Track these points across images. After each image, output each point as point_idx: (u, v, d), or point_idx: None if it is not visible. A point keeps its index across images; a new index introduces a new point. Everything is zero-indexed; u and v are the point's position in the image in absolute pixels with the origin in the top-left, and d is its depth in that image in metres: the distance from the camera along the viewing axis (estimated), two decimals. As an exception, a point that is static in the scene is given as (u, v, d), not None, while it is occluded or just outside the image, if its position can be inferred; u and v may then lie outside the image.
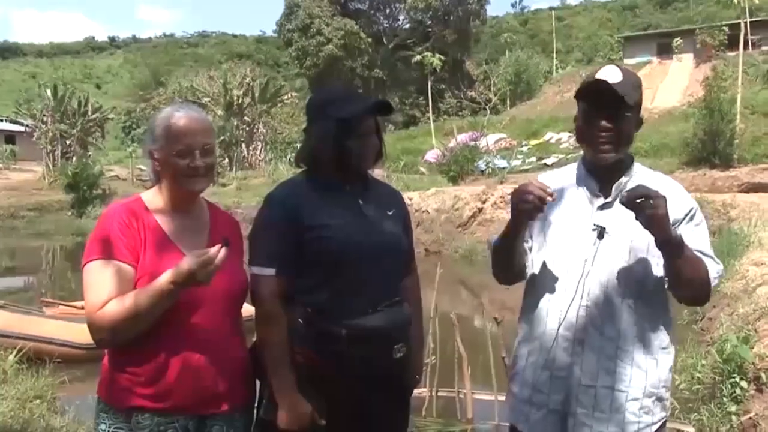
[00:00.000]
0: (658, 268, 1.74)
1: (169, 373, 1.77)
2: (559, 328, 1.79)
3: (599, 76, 1.76)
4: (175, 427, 1.79)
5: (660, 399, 1.80)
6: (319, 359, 1.89)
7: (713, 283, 1.74)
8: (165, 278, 1.70)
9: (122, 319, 1.71)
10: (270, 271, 1.91)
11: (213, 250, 1.71)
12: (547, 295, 1.83)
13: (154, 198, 1.90)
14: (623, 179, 1.81)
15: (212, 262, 1.69)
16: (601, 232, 1.74)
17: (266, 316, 1.92)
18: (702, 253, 1.75)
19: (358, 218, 1.98)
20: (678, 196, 1.80)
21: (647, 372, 1.77)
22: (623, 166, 1.82)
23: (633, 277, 1.75)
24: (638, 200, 1.58)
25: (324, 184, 1.99)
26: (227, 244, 1.74)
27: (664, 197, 1.58)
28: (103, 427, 1.81)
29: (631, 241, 1.75)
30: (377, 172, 2.23)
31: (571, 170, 1.94)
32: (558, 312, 1.79)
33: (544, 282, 1.85)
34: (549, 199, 1.65)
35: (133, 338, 1.75)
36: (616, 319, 1.75)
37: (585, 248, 1.78)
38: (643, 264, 1.74)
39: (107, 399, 1.82)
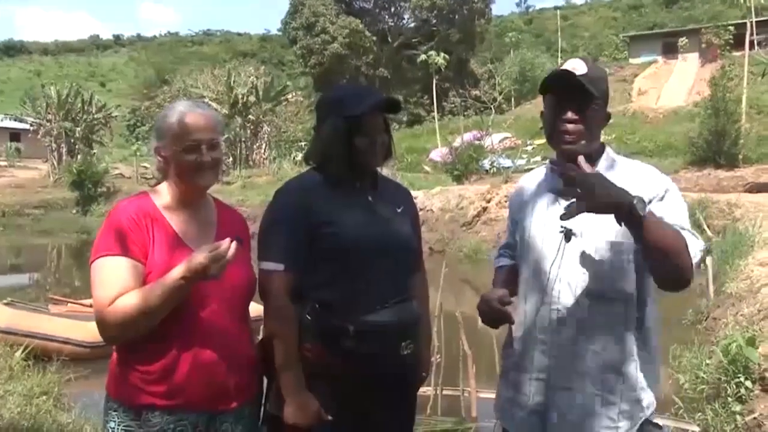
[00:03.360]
0: (628, 268, 1.71)
1: (180, 370, 1.78)
2: (535, 331, 1.78)
3: (564, 68, 1.75)
4: (185, 425, 1.79)
5: (638, 401, 1.74)
6: (327, 355, 1.90)
7: (696, 258, 1.62)
8: (176, 273, 1.71)
9: (132, 315, 1.71)
10: (279, 267, 1.92)
11: (224, 244, 1.72)
12: (524, 299, 1.84)
13: (161, 195, 1.91)
14: None
15: (224, 257, 1.70)
16: (567, 234, 1.72)
17: (275, 312, 1.93)
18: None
19: (368, 215, 1.99)
20: (650, 178, 1.75)
21: (625, 375, 1.73)
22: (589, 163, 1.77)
23: (602, 279, 1.71)
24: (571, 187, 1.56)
25: (334, 181, 2.00)
26: (239, 240, 1.75)
27: (593, 174, 1.55)
28: (112, 424, 1.81)
29: (599, 242, 1.71)
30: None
31: (545, 170, 1.93)
32: (534, 315, 1.79)
33: (522, 285, 1.86)
34: (510, 308, 1.75)
35: (142, 335, 1.76)
36: (587, 322, 1.72)
37: (553, 251, 1.76)
38: (612, 265, 1.70)
39: (116, 396, 1.82)
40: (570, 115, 1.73)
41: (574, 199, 1.67)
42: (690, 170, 18.17)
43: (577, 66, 1.74)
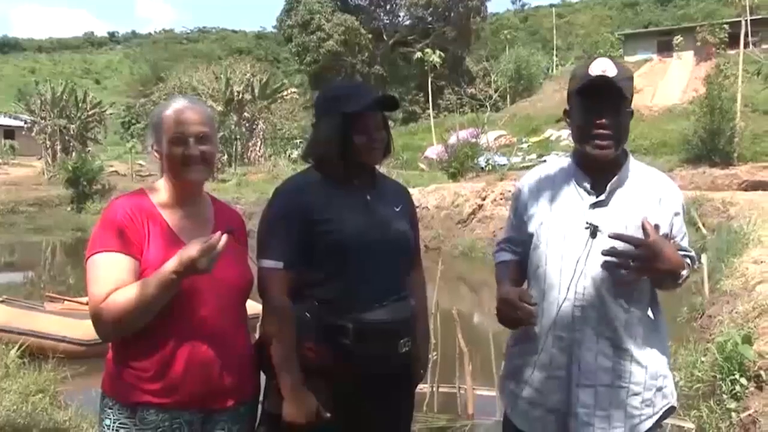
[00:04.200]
0: None
1: (176, 368, 1.77)
2: (553, 328, 1.78)
3: (596, 71, 1.73)
4: (180, 423, 1.79)
5: (660, 389, 1.81)
6: (326, 353, 1.90)
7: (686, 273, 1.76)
8: (168, 267, 1.70)
9: (126, 311, 1.70)
10: (278, 265, 1.92)
11: (215, 236, 1.71)
12: (542, 296, 1.81)
13: (158, 192, 1.90)
14: (617, 177, 1.78)
15: (214, 249, 1.69)
16: (594, 231, 1.72)
17: (274, 310, 1.93)
18: (682, 248, 1.78)
19: (366, 213, 1.99)
20: (672, 192, 1.82)
21: (647, 367, 1.77)
22: (617, 163, 1.80)
23: (627, 276, 1.72)
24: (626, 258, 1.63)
25: (332, 179, 2.00)
26: (230, 232, 1.75)
27: (659, 240, 1.62)
28: (107, 422, 1.80)
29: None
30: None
31: (561, 166, 1.91)
32: (552, 312, 1.78)
33: (537, 282, 1.84)
34: (534, 311, 1.71)
35: (138, 332, 1.75)
36: (611, 318, 1.74)
37: (577, 247, 1.76)
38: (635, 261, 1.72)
39: (112, 394, 1.81)
40: (605, 120, 1.73)
41: (599, 198, 1.76)
42: (685, 168, 18.20)
43: (608, 68, 1.73)
